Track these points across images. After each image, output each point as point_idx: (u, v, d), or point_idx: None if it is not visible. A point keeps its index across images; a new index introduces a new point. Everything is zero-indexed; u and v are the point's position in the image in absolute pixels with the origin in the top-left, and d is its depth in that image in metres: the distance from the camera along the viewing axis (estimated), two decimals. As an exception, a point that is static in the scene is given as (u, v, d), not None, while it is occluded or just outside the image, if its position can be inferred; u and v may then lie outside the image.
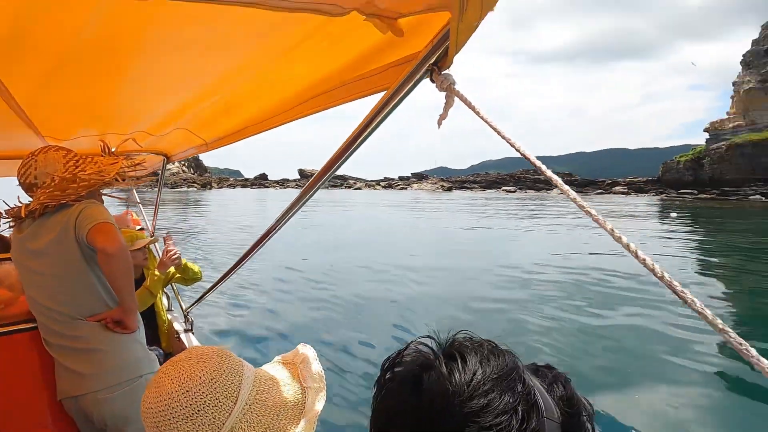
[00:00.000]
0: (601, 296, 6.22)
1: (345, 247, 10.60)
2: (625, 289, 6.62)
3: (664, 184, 51.47)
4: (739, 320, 5.44)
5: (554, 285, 6.87)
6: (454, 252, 10.28)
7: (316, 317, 5.04)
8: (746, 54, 48.65)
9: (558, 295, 6.25)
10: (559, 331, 4.72)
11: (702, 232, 16.78)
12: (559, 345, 4.34)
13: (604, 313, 5.48)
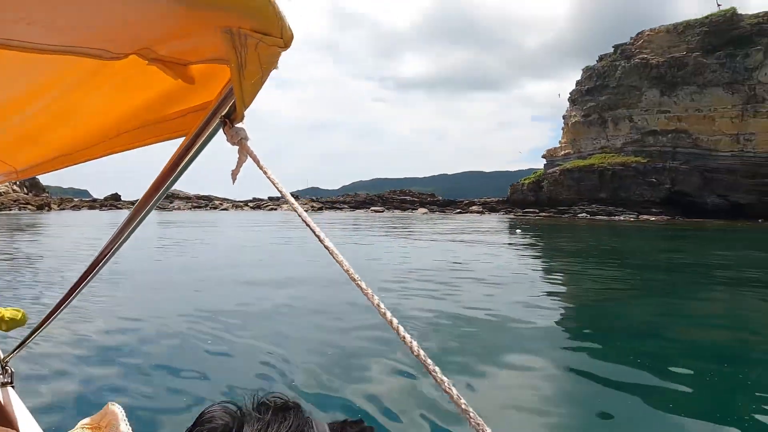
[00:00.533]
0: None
1: (202, 270, 10.23)
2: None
3: (513, 204, 57.14)
4: (567, 310, 6.37)
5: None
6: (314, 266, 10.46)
7: (160, 354, 4.64)
8: (572, 92, 56.69)
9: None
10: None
11: (541, 242, 19.12)
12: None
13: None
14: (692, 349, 5.27)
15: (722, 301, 8.15)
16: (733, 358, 4.84)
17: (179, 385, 3.72)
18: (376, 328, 5.12)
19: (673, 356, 4.80)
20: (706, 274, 11.51)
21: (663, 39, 49.54)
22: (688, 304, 7.95)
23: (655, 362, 4.48)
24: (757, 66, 42.70)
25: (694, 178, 45.21)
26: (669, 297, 8.51)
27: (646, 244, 20.26)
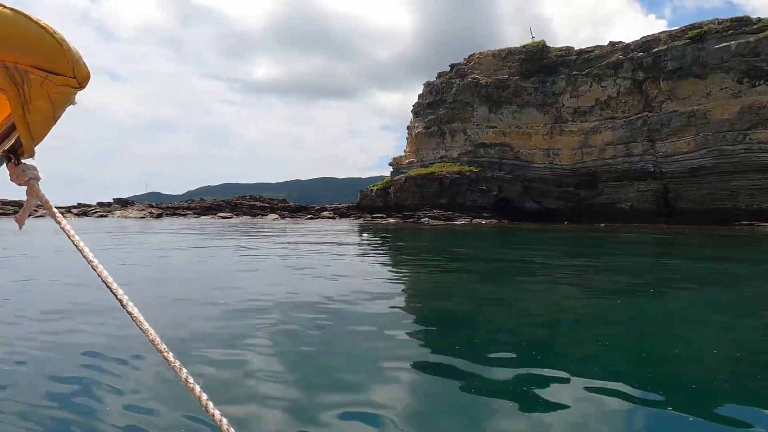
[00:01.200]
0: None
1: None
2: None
3: (362, 209, 59.00)
4: (404, 302, 6.91)
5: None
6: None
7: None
8: (415, 105, 60.73)
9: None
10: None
11: (386, 243, 20.19)
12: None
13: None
14: (508, 335, 6.11)
15: (539, 291, 9.52)
16: (541, 342, 5.76)
17: None
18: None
19: (491, 342, 5.56)
20: (526, 267, 13.31)
21: (490, 62, 55.70)
22: (511, 293, 9.14)
23: (474, 348, 5.16)
24: (561, 92, 50.27)
25: (516, 186, 51.40)
26: (496, 286, 9.71)
27: (478, 243, 22.67)
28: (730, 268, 13.53)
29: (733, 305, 7.91)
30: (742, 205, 38.17)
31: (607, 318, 6.98)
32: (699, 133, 41.21)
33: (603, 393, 3.77)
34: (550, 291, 9.32)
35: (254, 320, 5.95)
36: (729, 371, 4.50)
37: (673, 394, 3.74)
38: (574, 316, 7.06)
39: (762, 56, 38.72)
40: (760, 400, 3.75)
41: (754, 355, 5.01)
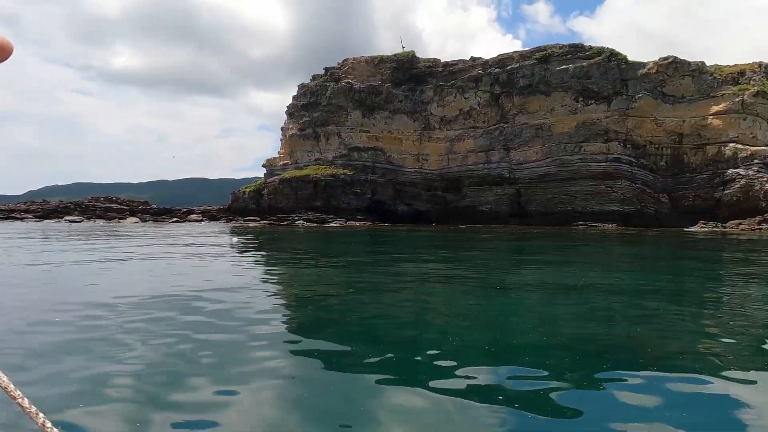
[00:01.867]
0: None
1: None
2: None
3: (234, 212, 56.90)
4: (277, 306, 6.81)
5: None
6: None
7: None
8: (289, 106, 60.09)
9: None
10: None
11: (258, 248, 19.67)
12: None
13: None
14: (377, 333, 6.41)
15: (403, 289, 10.03)
16: (401, 338, 6.12)
17: None
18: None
19: (357, 341, 5.80)
20: (393, 266, 13.93)
21: (364, 68, 57.12)
22: (376, 291, 9.53)
23: (345, 347, 5.35)
24: (429, 101, 53.26)
25: (389, 189, 53.28)
26: (364, 285, 10.05)
27: (350, 244, 23.16)
28: (568, 260, 15.52)
29: (569, 294, 9.15)
30: (578, 208, 43.71)
31: (462, 312, 7.67)
32: (545, 144, 46.39)
33: (458, 389, 4.14)
34: (413, 288, 9.94)
35: (94, 333, 5.58)
36: (564, 359, 5.24)
37: (523, 386, 4.27)
38: (431, 312, 7.65)
39: (593, 79, 44.77)
40: (592, 385, 4.44)
41: (583, 342, 5.89)
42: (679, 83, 43.22)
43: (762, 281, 11.41)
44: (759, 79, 41.62)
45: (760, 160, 38.46)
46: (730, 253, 19.91)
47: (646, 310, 7.87)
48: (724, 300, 9.02)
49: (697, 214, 40.05)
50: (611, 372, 4.57)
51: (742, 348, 5.52)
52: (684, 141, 42.35)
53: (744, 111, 40.34)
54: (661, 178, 42.56)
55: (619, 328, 6.64)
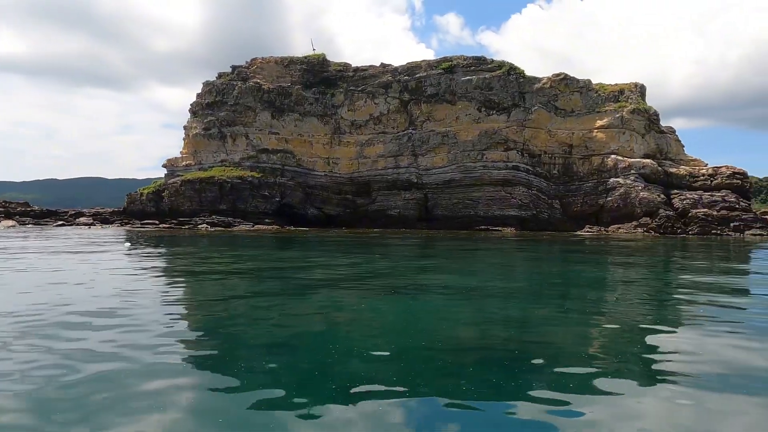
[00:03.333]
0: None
1: None
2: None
3: (130, 215, 53.17)
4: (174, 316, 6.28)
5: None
6: None
7: None
8: (193, 104, 57.30)
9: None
10: None
11: (154, 254, 18.42)
12: None
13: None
14: (279, 341, 6.18)
15: (314, 295, 9.83)
16: (308, 345, 5.96)
17: None
18: None
19: (254, 349, 5.55)
20: (300, 271, 13.65)
21: (273, 69, 55.94)
22: (281, 297, 9.26)
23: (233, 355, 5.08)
24: (340, 104, 53.33)
25: (298, 192, 52.56)
26: (266, 291, 9.72)
27: (260, 249, 22.45)
28: (469, 263, 16.19)
29: (467, 296, 9.50)
30: (481, 213, 45.96)
31: (363, 317, 7.68)
32: (450, 151, 48.29)
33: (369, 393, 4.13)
34: (318, 295, 9.81)
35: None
36: (467, 361, 5.38)
37: (427, 386, 4.34)
38: (331, 319, 7.58)
39: (494, 90, 47.37)
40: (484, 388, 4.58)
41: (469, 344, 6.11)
42: (569, 98, 46.98)
43: (635, 280, 12.69)
44: (635, 98, 46.40)
45: (635, 171, 42.84)
46: (611, 255, 21.95)
47: (536, 310, 8.42)
48: (604, 299, 9.90)
49: (585, 219, 43.73)
50: (500, 371, 4.81)
51: (620, 346, 6.07)
52: (573, 151, 46.07)
53: (623, 126, 44.75)
54: (554, 186, 45.95)
55: (512, 328, 7.04)
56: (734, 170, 42.92)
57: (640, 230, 39.79)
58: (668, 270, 16.27)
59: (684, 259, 20.33)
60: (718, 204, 40.15)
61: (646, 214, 40.81)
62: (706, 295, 10.05)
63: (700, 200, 40.66)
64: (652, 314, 8.30)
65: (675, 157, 46.27)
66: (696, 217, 39.53)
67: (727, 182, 42.04)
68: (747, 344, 6.19)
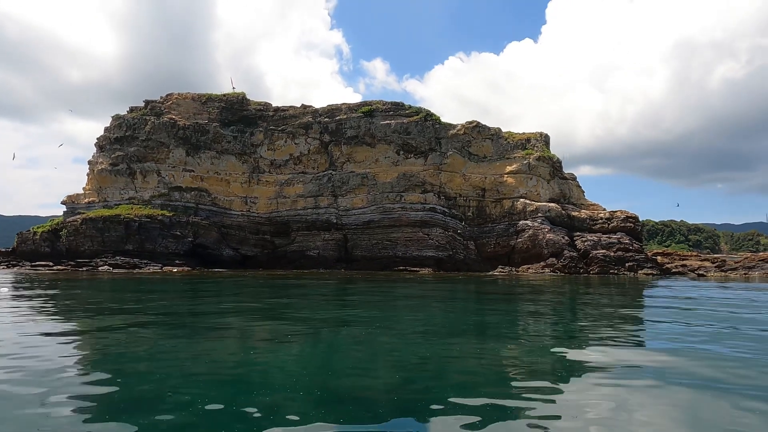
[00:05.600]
0: None
1: None
2: None
3: (21, 256, 48.40)
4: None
5: None
6: None
7: None
8: (100, 138, 54.08)
9: None
10: None
11: (47, 300, 16.51)
12: None
13: None
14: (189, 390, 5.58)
15: (220, 340, 9.14)
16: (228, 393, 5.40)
17: None
18: None
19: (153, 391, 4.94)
20: (212, 316, 12.78)
21: (190, 105, 54.42)
22: (188, 344, 8.51)
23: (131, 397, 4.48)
24: (259, 143, 52.65)
25: (213, 232, 50.49)
26: (173, 339, 8.91)
27: (167, 293, 20.94)
28: (388, 304, 16.05)
29: (380, 336, 9.29)
30: (399, 253, 46.50)
31: (286, 357, 7.22)
32: (369, 192, 48.92)
33: None
34: (232, 340, 9.19)
35: None
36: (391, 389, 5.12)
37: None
38: (258, 359, 7.06)
39: (412, 135, 49.09)
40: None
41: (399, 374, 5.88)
42: (481, 144, 49.67)
43: (541, 316, 13.20)
44: (540, 146, 49.97)
45: (542, 214, 45.63)
46: (521, 294, 22.87)
47: (453, 346, 8.41)
48: (517, 334, 10.13)
49: (497, 259, 45.57)
50: (413, 409, 4.65)
51: (531, 369, 6.15)
52: (486, 195, 48.37)
53: (530, 172, 47.82)
54: (468, 227, 47.70)
55: (427, 365, 6.93)
56: (628, 215, 46.95)
57: (548, 270, 42.04)
58: (574, 305, 17.18)
59: (587, 295, 21.63)
60: (614, 245, 43.51)
61: (553, 255, 43.30)
62: (607, 323, 10.63)
63: (599, 242, 43.88)
64: (560, 342, 8.60)
65: (576, 201, 49.93)
66: (596, 257, 42.50)
67: (622, 225, 45.83)
68: (639, 369, 6.53)
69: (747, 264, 45.79)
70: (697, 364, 7.05)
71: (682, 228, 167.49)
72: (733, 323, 11.64)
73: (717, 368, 6.79)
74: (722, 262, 47.68)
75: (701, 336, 9.57)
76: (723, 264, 47.25)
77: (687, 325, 11.15)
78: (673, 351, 8.16)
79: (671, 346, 8.50)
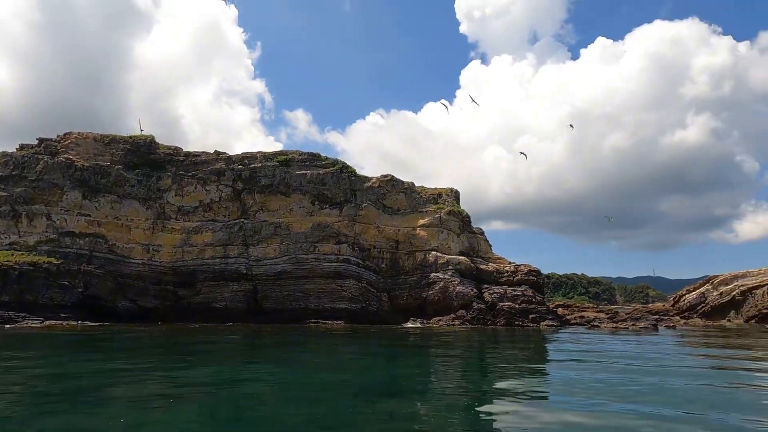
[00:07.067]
0: None
1: None
2: None
3: None
4: None
5: None
6: None
7: None
8: (-20, 176, 48.60)
9: None
10: None
11: None
12: None
13: None
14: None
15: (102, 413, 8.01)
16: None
17: None
18: None
19: None
20: (97, 380, 11.32)
21: (90, 145, 50.97)
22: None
23: None
24: (167, 189, 50.10)
25: (108, 282, 46.38)
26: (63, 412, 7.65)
27: (42, 356, 18.50)
28: (296, 360, 15.26)
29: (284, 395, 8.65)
30: (311, 305, 45.36)
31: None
32: (282, 242, 47.84)
33: None
34: (109, 407, 8.11)
35: None
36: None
37: None
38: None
39: (327, 186, 49.27)
40: None
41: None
42: (395, 198, 50.87)
43: (452, 372, 13.19)
44: (451, 201, 52.15)
45: (453, 267, 47.00)
46: (435, 346, 22.94)
47: (360, 408, 8.02)
48: (430, 388, 9.96)
49: (410, 311, 45.87)
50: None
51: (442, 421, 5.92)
52: (400, 247, 49.12)
53: (441, 225, 49.49)
54: (382, 279, 47.87)
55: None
56: (531, 268, 49.65)
57: (458, 322, 42.90)
58: (483, 356, 17.45)
59: (494, 345, 22.15)
60: (519, 298, 45.56)
61: (462, 307, 44.39)
62: (513, 378, 10.79)
63: (505, 294, 45.76)
64: (471, 399, 8.54)
65: (484, 255, 52.12)
66: (503, 309, 44.15)
67: (526, 278, 48.29)
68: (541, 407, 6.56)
69: (634, 315, 49.92)
70: (593, 419, 7.28)
71: (582, 281, 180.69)
72: (627, 374, 12.37)
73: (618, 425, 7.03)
74: (614, 314, 51.58)
75: (597, 389, 10.03)
76: (615, 315, 51.11)
77: (581, 377, 11.67)
78: (570, 404, 8.43)
79: (568, 400, 8.78)
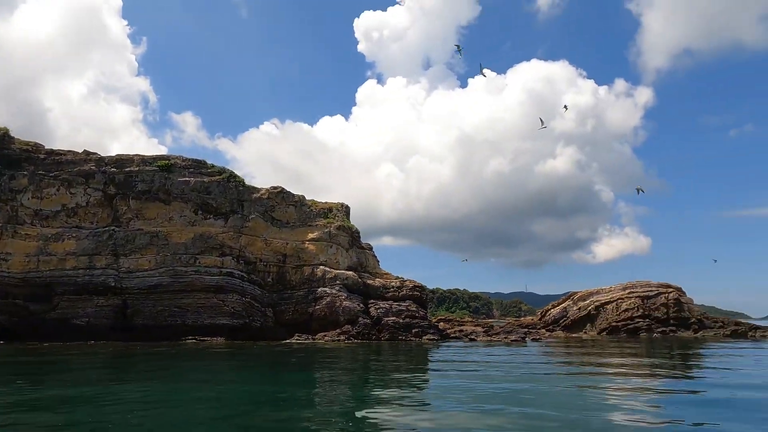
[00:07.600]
0: None
1: None
2: None
3: None
4: None
5: None
6: None
7: None
8: None
9: None
10: None
11: None
12: None
13: None
14: None
15: None
16: None
17: None
18: None
19: None
20: None
21: (-77, 134, 43.50)
22: None
23: None
24: (22, 189, 44.25)
25: (-64, 296, 39.55)
26: None
27: None
28: (170, 386, 14.01)
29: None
30: (189, 321, 42.47)
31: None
32: (159, 253, 44.39)
33: None
34: None
35: None
36: None
37: None
38: None
39: (212, 195, 46.88)
40: None
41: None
42: (285, 210, 49.84)
43: (337, 383, 13.03)
44: (341, 216, 52.33)
45: (340, 281, 46.99)
46: (320, 361, 22.61)
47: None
48: (314, 399, 9.68)
49: (296, 326, 44.89)
50: None
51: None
52: (287, 261, 48.05)
53: (331, 240, 49.37)
54: (267, 294, 46.37)
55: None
56: (415, 284, 51.30)
57: (343, 337, 42.85)
58: (367, 368, 17.52)
59: (377, 358, 22.41)
60: (403, 313, 46.76)
61: (348, 322, 44.45)
62: (395, 386, 10.93)
63: (390, 309, 46.69)
64: (353, 405, 8.45)
65: (372, 270, 52.87)
66: (387, 324, 44.97)
67: (411, 294, 49.75)
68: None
69: (507, 329, 53.77)
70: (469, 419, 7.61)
71: (464, 296, 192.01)
72: (495, 382, 13.17)
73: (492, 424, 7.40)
74: (490, 327, 55.06)
75: (469, 394, 10.55)
76: (490, 329, 54.60)
77: (456, 385, 12.22)
78: (445, 408, 8.76)
79: (444, 404, 9.12)
